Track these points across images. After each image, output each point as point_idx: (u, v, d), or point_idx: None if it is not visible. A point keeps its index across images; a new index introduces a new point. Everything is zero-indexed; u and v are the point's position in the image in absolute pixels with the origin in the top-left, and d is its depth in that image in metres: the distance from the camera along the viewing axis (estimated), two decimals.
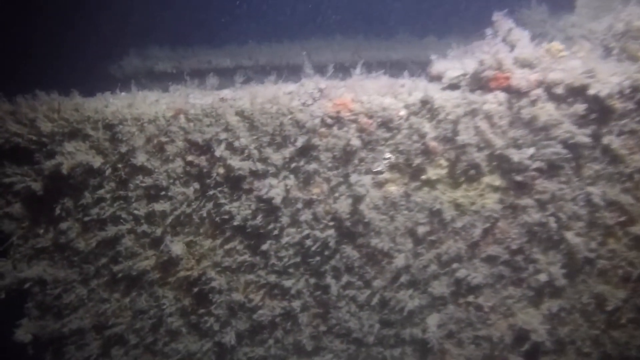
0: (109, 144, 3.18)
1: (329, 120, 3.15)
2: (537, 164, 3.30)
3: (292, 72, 6.80)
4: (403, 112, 3.18)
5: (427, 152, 3.27)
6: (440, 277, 3.64)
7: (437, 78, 3.40)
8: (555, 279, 3.59)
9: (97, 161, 3.15)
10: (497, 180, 3.38)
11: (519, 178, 3.34)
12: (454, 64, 3.40)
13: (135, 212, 3.34)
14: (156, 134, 3.16)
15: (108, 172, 3.21)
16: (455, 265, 3.59)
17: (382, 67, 6.67)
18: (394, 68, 6.77)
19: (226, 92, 3.28)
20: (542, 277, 3.60)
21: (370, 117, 3.16)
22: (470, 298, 3.74)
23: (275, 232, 3.39)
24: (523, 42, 3.52)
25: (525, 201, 3.43)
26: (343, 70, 5.84)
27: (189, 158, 3.22)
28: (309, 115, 3.12)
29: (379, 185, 3.35)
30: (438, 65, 3.42)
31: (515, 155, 3.25)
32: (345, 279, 3.58)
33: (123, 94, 3.42)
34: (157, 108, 3.17)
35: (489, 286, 3.70)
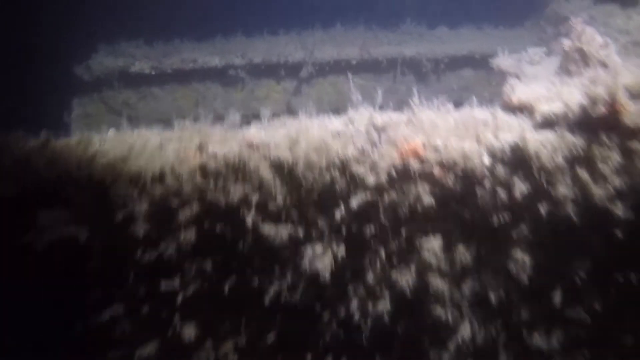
0: (99, 211, 2.34)
1: (394, 173, 2.40)
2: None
3: (291, 73, 5.98)
4: (487, 161, 2.46)
5: (510, 208, 2.58)
6: (509, 347, 3.02)
7: (519, 109, 2.68)
8: None
9: (82, 234, 2.32)
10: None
11: (618, 234, 2.70)
12: (539, 90, 2.68)
13: (135, 291, 2.54)
14: (164, 196, 2.34)
15: (97, 247, 2.38)
16: (526, 333, 2.98)
17: (393, 65, 5.81)
18: (405, 66, 6.03)
19: (253, 133, 2.47)
20: (629, 340, 3.04)
21: (448, 168, 2.43)
22: None
23: (317, 309, 2.67)
24: (614, 58, 2.85)
25: (617, 256, 2.82)
26: (349, 68, 4.94)
27: (207, 225, 2.42)
28: (370, 169, 2.36)
29: (448, 246, 2.65)
30: (520, 93, 2.69)
31: (618, 209, 2.60)
32: (397, 355, 2.92)
33: (111, 131, 2.57)
34: (162, 160, 2.33)
35: (563, 352, 3.12)
